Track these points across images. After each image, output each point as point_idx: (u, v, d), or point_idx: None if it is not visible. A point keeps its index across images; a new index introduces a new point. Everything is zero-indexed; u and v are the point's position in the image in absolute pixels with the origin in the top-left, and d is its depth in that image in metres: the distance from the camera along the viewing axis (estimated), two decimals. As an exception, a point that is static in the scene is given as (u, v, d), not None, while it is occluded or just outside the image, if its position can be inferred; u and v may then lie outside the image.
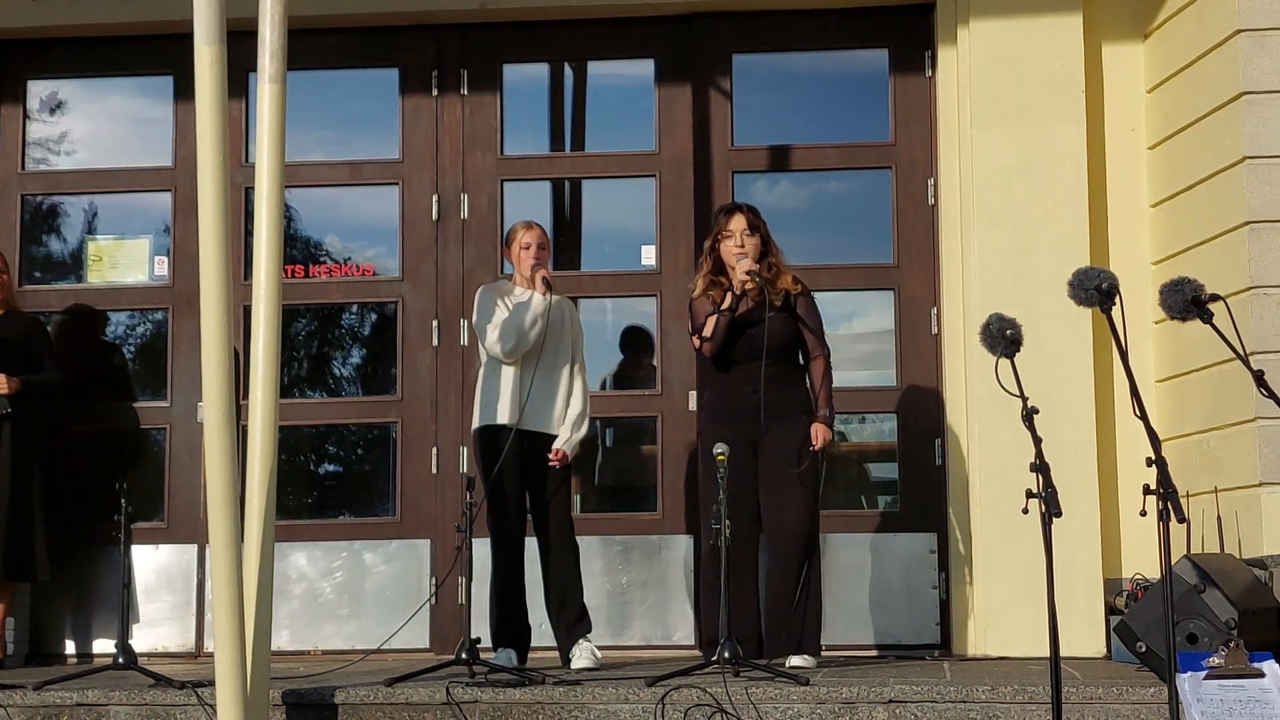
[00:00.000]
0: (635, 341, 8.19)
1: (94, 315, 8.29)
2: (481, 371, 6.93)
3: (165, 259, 8.26)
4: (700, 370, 7.01)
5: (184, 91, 7.92)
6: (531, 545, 6.86)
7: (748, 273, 6.61)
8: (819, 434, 6.63)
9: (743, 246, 6.70)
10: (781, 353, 6.70)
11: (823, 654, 6.70)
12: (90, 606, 7.96)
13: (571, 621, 6.74)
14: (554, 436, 6.81)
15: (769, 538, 6.68)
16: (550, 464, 6.76)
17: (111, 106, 8.59)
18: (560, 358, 6.87)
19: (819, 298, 6.93)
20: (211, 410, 5.12)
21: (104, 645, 7.81)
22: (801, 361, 6.80)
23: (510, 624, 6.76)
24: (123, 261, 8.36)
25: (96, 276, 8.36)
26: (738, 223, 6.76)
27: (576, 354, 6.94)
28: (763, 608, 6.71)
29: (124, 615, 6.55)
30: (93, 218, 8.45)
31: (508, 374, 6.79)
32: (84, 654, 7.92)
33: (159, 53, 8.16)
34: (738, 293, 6.65)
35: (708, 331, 6.67)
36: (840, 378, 7.78)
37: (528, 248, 6.89)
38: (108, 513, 6.69)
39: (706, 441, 6.61)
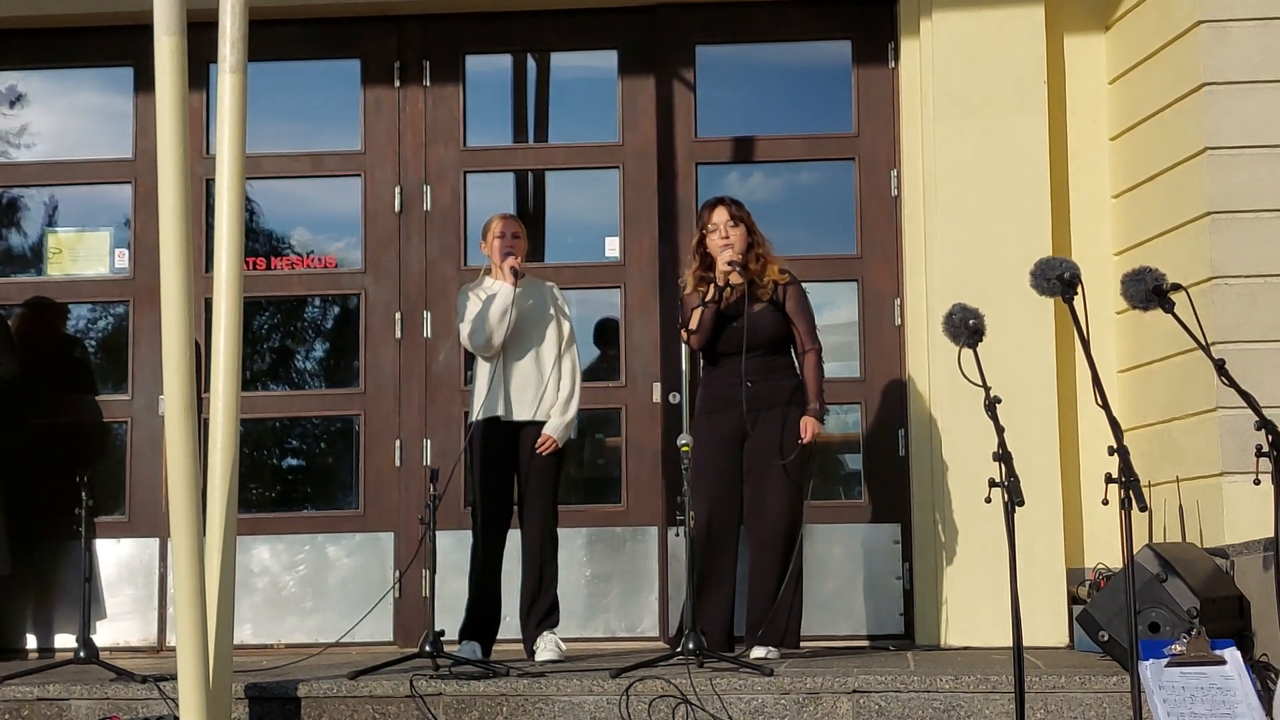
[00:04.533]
0: (607, 334, 8.17)
1: (54, 308, 8.24)
2: (474, 368, 6.94)
3: (126, 251, 8.22)
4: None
5: (144, 83, 7.86)
6: (513, 536, 6.84)
7: (730, 263, 6.63)
8: (808, 427, 6.63)
9: (727, 238, 6.72)
10: (768, 345, 6.70)
11: (800, 646, 6.70)
12: (51, 601, 7.90)
13: (541, 614, 6.72)
14: (541, 423, 6.77)
15: (749, 529, 6.68)
16: (539, 451, 6.74)
17: (72, 99, 8.53)
18: (542, 343, 6.84)
19: (791, 290, 6.92)
20: (172, 403, 5.09)
21: (65, 640, 7.74)
22: (793, 354, 6.80)
23: (481, 614, 6.74)
24: (83, 254, 8.31)
25: (56, 269, 8.30)
26: (720, 215, 6.78)
27: (562, 336, 6.90)
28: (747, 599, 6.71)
29: (85, 609, 6.52)
30: (53, 210, 8.40)
31: (494, 366, 6.79)
32: (45, 648, 7.87)
33: (119, 44, 8.12)
34: (721, 284, 6.65)
35: (693, 324, 6.69)
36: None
37: (500, 237, 6.88)
38: (68, 506, 6.65)
39: (696, 433, 6.63)
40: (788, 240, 7.97)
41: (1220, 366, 4.93)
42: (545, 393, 6.79)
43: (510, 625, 6.87)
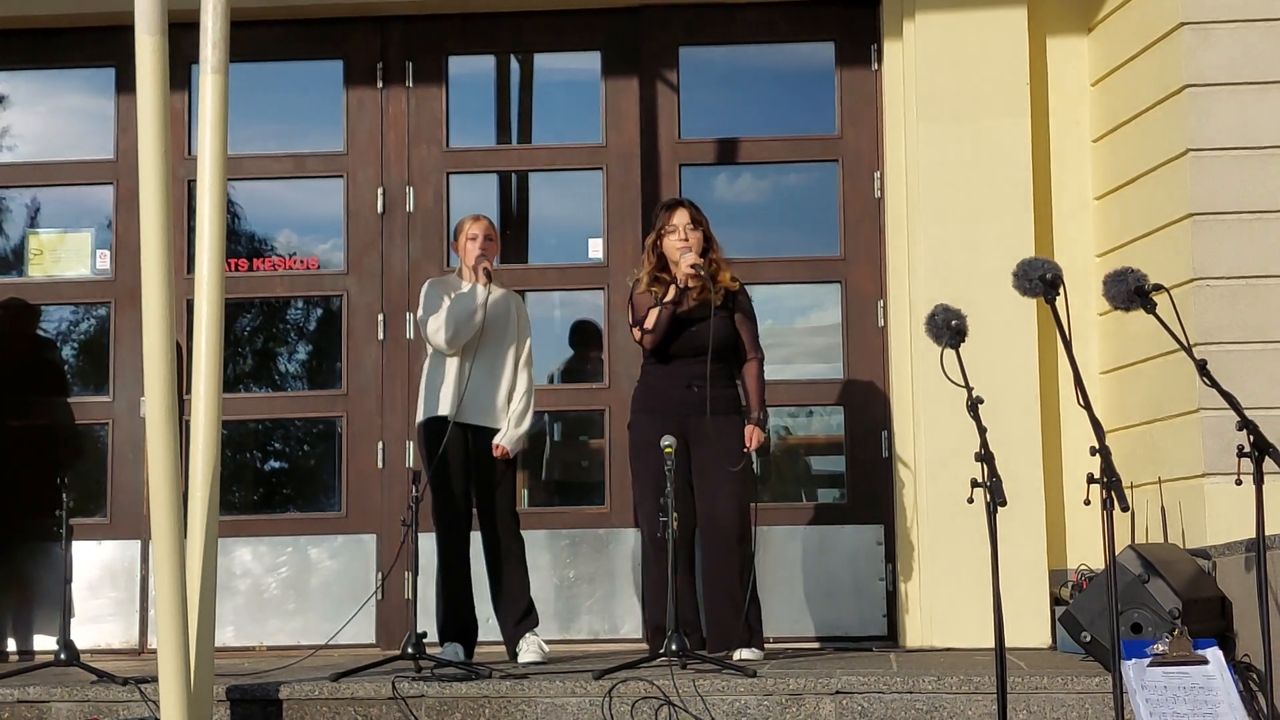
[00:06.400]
0: (583, 335, 8.18)
1: (34, 309, 8.21)
2: (426, 365, 6.92)
3: (107, 253, 8.20)
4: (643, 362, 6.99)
5: (126, 84, 7.86)
6: (477, 539, 6.83)
7: (693, 266, 6.62)
8: (753, 436, 6.66)
9: (686, 240, 6.71)
10: (720, 351, 6.70)
11: (767, 646, 6.72)
12: (31, 603, 7.86)
13: (518, 616, 6.72)
14: (497, 430, 6.77)
15: (703, 532, 6.69)
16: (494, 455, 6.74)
17: (53, 100, 8.50)
18: (503, 350, 6.84)
19: (767, 291, 6.96)
20: (153, 405, 5.07)
21: (46, 642, 7.71)
22: (736, 361, 6.81)
23: (456, 618, 6.73)
24: (64, 255, 8.28)
25: (38, 270, 8.28)
26: (680, 217, 6.77)
27: (522, 348, 6.91)
28: (700, 602, 6.72)
29: (65, 611, 6.50)
30: (35, 212, 8.37)
31: (450, 366, 6.77)
32: (25, 651, 7.83)
33: (100, 45, 8.10)
34: (682, 285, 6.65)
35: (649, 324, 6.67)
36: (792, 371, 7.81)
37: (474, 239, 6.87)
38: (48, 508, 6.63)
39: (639, 432, 6.63)
40: (772, 242, 8.00)
41: (1202, 367, 4.94)
42: (500, 400, 6.79)
43: (492, 627, 6.86)
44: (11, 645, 7.89)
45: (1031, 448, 7.36)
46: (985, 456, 4.67)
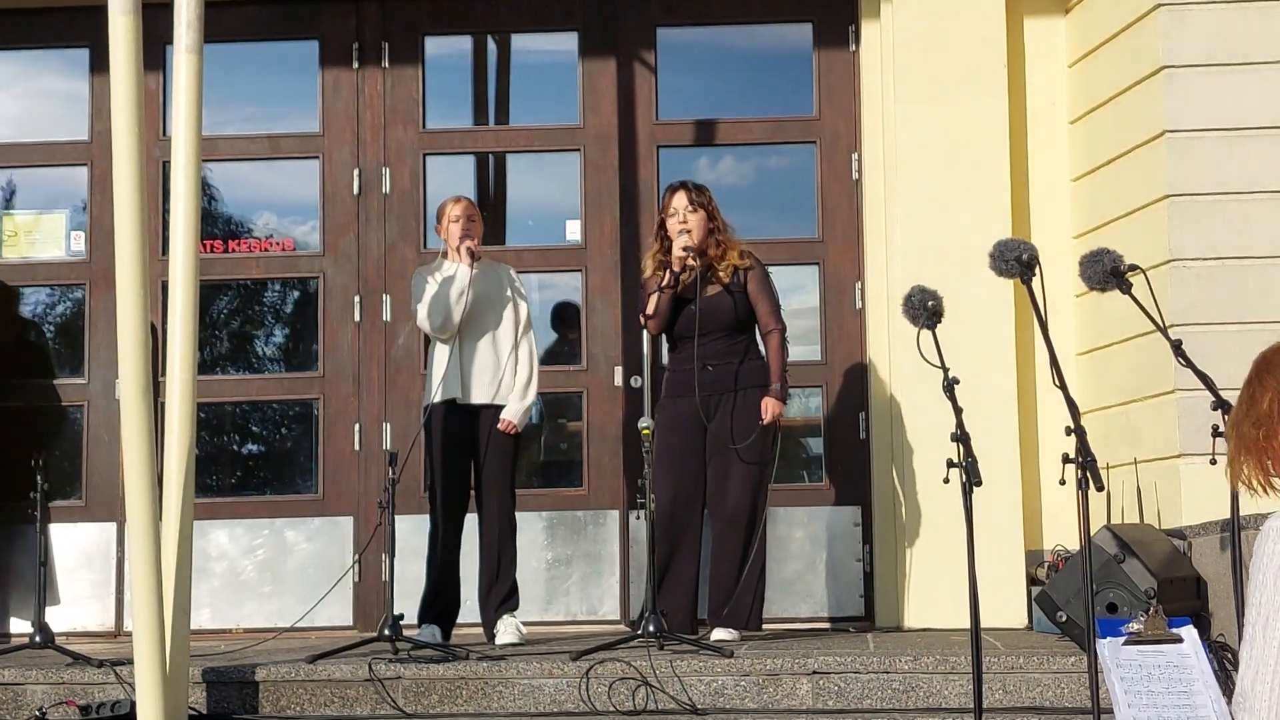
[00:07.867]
0: (562, 318, 8.16)
1: (8, 291, 8.17)
2: (429, 351, 6.92)
3: (82, 234, 8.16)
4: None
5: (100, 65, 7.78)
6: (470, 519, 6.83)
7: (685, 248, 6.63)
8: (769, 408, 6.65)
9: (685, 223, 6.71)
10: (727, 329, 6.70)
11: (762, 629, 6.71)
12: (6, 585, 7.84)
13: (500, 598, 6.71)
14: (500, 406, 6.76)
15: (712, 513, 6.69)
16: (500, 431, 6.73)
17: (28, 81, 8.46)
18: (501, 324, 6.82)
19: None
20: (128, 387, 5.06)
21: (21, 625, 7.70)
22: (757, 337, 6.82)
23: (439, 599, 6.73)
24: (39, 237, 8.24)
25: (12, 252, 8.24)
26: (679, 200, 6.77)
27: (520, 319, 6.89)
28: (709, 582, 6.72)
29: (40, 594, 6.48)
30: (10, 194, 8.33)
31: (450, 349, 6.77)
32: (0, 634, 7.81)
33: (75, 25, 8.06)
34: (676, 269, 6.65)
35: (650, 309, 6.69)
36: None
37: (456, 220, 6.86)
38: (23, 490, 6.60)
39: (660, 417, 6.62)
40: (752, 224, 7.98)
41: (1177, 348, 4.95)
42: (503, 376, 6.79)
43: (470, 609, 6.86)
44: (-13, 628, 7.88)
45: (1008, 428, 7.38)
46: (961, 437, 4.67)
